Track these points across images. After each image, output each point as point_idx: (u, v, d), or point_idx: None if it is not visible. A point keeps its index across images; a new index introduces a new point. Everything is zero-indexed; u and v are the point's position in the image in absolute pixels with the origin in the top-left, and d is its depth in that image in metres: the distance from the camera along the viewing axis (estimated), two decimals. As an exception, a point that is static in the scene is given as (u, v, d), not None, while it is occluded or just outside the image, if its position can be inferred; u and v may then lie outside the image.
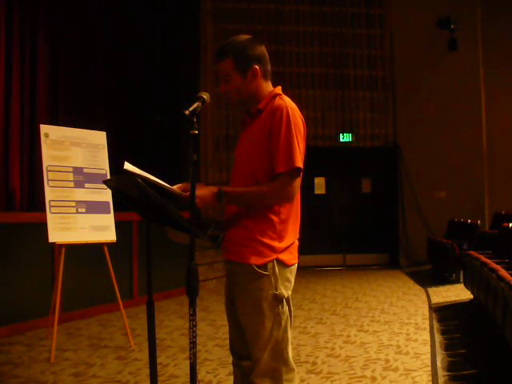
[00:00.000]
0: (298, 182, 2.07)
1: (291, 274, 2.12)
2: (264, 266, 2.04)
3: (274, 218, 2.07)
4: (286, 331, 2.07)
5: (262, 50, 2.18)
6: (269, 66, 2.21)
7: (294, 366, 2.11)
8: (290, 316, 2.12)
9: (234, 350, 2.23)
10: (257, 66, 2.14)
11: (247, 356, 2.10)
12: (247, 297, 2.06)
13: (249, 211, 2.08)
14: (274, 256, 2.05)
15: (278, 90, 2.19)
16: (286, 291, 2.08)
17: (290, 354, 2.10)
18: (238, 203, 2.08)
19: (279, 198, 2.06)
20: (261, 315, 2.04)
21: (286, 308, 2.08)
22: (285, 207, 2.10)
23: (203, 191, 1.99)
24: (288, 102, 2.10)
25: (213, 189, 2.02)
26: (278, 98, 2.13)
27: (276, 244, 2.06)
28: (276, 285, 2.05)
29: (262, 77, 2.17)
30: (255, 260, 2.03)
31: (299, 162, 2.04)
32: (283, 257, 2.07)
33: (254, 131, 2.12)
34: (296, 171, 2.05)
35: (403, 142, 10.95)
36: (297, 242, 2.16)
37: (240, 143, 2.23)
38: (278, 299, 2.05)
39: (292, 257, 2.12)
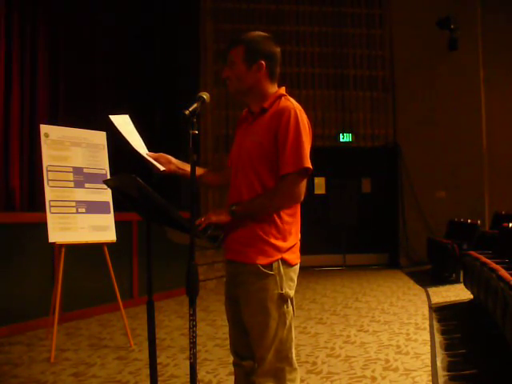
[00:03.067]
0: (305, 183, 2.06)
1: (295, 273, 2.11)
2: (269, 266, 2.03)
3: (278, 218, 2.05)
4: (290, 331, 2.07)
5: (276, 50, 2.17)
6: (278, 69, 2.19)
7: (296, 365, 2.11)
8: (293, 316, 2.11)
9: (235, 350, 2.22)
10: (263, 62, 2.12)
11: (249, 356, 2.10)
12: (253, 297, 2.05)
13: None
14: (279, 256, 2.04)
15: (283, 90, 2.17)
16: (290, 291, 2.07)
17: (294, 354, 2.10)
18: (252, 218, 2.06)
19: (288, 199, 2.04)
20: (266, 315, 2.03)
21: (290, 307, 2.08)
22: (289, 208, 2.08)
23: (217, 217, 2.04)
24: (295, 104, 2.09)
25: (225, 213, 2.05)
26: (283, 99, 2.11)
27: (280, 244, 2.04)
28: (281, 284, 2.04)
29: (268, 75, 2.15)
30: (261, 260, 2.02)
31: (308, 163, 2.02)
32: (287, 256, 2.06)
33: (258, 131, 2.09)
34: (304, 171, 2.03)
35: (403, 141, 10.95)
36: (299, 243, 2.15)
37: (239, 142, 2.20)
38: (284, 299, 2.05)
39: (295, 256, 2.11)
